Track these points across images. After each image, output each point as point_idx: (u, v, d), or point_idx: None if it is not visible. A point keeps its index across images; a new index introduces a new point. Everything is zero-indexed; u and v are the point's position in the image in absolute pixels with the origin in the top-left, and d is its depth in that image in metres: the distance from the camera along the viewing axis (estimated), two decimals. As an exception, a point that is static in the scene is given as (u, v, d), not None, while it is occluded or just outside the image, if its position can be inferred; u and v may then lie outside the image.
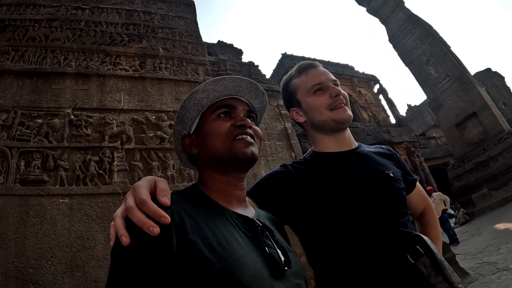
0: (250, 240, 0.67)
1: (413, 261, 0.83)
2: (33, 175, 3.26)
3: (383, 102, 20.57)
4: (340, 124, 1.02)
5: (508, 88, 23.75)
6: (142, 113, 4.15)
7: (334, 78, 1.06)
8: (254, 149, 0.76)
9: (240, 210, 0.75)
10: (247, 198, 0.86)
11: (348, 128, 1.07)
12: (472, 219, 10.57)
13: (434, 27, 13.41)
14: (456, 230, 8.18)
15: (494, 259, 4.86)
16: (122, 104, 4.06)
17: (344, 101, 1.03)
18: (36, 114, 3.56)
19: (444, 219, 7.99)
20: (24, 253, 2.96)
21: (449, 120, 12.50)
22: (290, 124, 5.85)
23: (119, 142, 3.79)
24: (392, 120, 20.11)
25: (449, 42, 12.84)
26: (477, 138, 11.73)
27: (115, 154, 3.70)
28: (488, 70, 24.03)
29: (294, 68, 1.12)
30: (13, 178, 3.20)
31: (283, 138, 5.46)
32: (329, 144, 1.04)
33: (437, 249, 0.86)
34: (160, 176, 3.78)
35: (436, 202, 8.18)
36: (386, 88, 20.57)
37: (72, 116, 3.68)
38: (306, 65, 1.09)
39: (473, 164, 11.38)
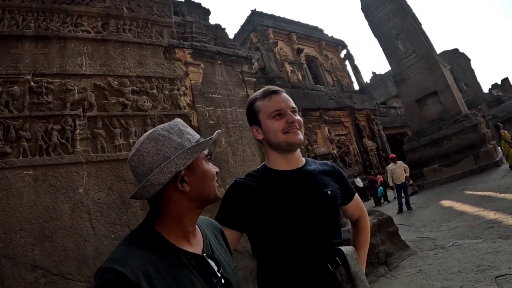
0: (203, 279, 0.86)
1: (332, 269, 1.15)
2: None
3: (349, 68, 21.53)
4: (291, 146, 1.27)
5: (472, 70, 25.97)
6: (104, 78, 4.21)
7: (293, 105, 1.28)
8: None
9: (193, 245, 0.93)
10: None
11: (298, 149, 1.32)
12: (420, 191, 12.05)
13: (408, 2, 14.05)
14: (404, 200, 9.52)
15: (434, 235, 5.69)
16: (84, 69, 4.06)
17: (298, 127, 1.26)
18: (-6, 82, 3.49)
19: (406, 185, 9.48)
20: None
21: (411, 95, 13.51)
22: (253, 91, 6.04)
23: (81, 110, 3.87)
24: (356, 87, 21.22)
25: (421, 18, 13.65)
26: (435, 116, 12.87)
27: (77, 122, 3.80)
28: (456, 50, 25.93)
29: (260, 91, 1.32)
30: None
31: (245, 105, 5.74)
32: (280, 162, 1.29)
33: (355, 261, 1.17)
34: (123, 144, 4.04)
35: (400, 169, 9.50)
36: (353, 55, 21.49)
37: (32, 83, 3.65)
38: (271, 91, 1.29)
39: (428, 139, 12.61)
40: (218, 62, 5.67)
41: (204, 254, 0.93)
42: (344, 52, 21.80)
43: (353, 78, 21.40)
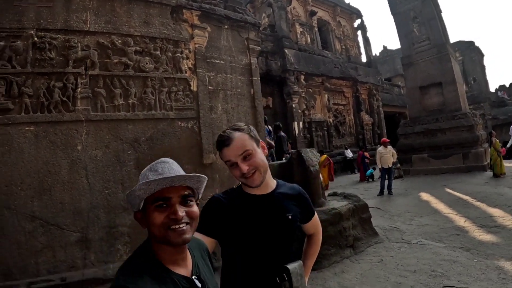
0: None
1: (279, 282, 1.37)
2: None
3: (360, 39, 21.11)
4: (253, 188, 1.42)
5: (483, 66, 25.82)
6: (108, 36, 4.26)
7: (242, 151, 1.37)
8: (187, 235, 0.99)
9: (183, 270, 1.04)
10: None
11: (267, 177, 1.48)
12: (404, 177, 12.51)
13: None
14: (386, 183, 9.99)
15: (404, 228, 6.05)
16: (88, 25, 4.10)
17: (251, 173, 1.37)
18: (-2, 36, 3.52)
19: (391, 170, 9.97)
20: None
21: (415, 80, 13.50)
22: (256, 59, 6.11)
23: (83, 68, 3.98)
24: (364, 59, 20.99)
25: (442, 5, 13.24)
26: (435, 107, 12.99)
27: (79, 81, 3.93)
28: (471, 43, 25.58)
29: (217, 140, 1.43)
30: None
31: (246, 73, 5.76)
32: (250, 189, 1.45)
33: (298, 277, 1.40)
34: (122, 104, 4.25)
35: (389, 154, 9.93)
36: (367, 26, 20.96)
37: (35, 38, 3.70)
38: (220, 144, 1.39)
39: (423, 128, 12.85)
40: (225, 27, 5.62)
41: (194, 277, 1.05)
42: (358, 21, 21.20)
43: (362, 50, 21.07)
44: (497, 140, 10.57)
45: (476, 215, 6.30)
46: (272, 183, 1.53)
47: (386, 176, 9.85)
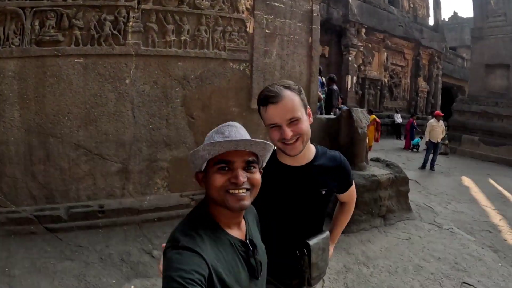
0: (243, 259, 1.01)
1: (298, 255, 1.38)
2: (48, 36, 3.46)
3: (430, 0, 19.30)
4: (290, 156, 1.30)
5: None
6: (164, -31, 4.03)
7: (290, 117, 1.23)
8: (245, 202, 0.97)
9: (238, 233, 1.05)
10: None
11: (306, 146, 1.33)
12: (450, 155, 12.07)
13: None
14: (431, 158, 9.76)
15: (439, 210, 5.91)
16: None
17: (293, 140, 1.25)
18: (48, -34, 3.42)
19: (438, 146, 9.74)
20: (44, 110, 3.53)
21: (482, 56, 12.50)
22: (318, 7, 5.68)
23: (135, 1, 3.83)
24: (431, 22, 19.35)
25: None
26: (498, 90, 12.08)
27: (131, 14, 3.81)
28: None
29: (261, 93, 1.31)
30: (29, 40, 3.41)
31: (306, 20, 5.41)
32: (285, 157, 1.35)
33: (319, 252, 1.41)
34: (174, 40, 4.18)
35: (440, 129, 9.65)
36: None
37: None
38: (267, 98, 1.25)
39: (479, 109, 12.11)
40: None
41: (247, 240, 1.06)
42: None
43: (431, 12, 19.21)
44: None
45: None
46: (310, 153, 1.41)
47: (432, 150, 9.58)
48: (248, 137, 1.00)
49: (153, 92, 4.04)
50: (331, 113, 7.87)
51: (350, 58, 14.39)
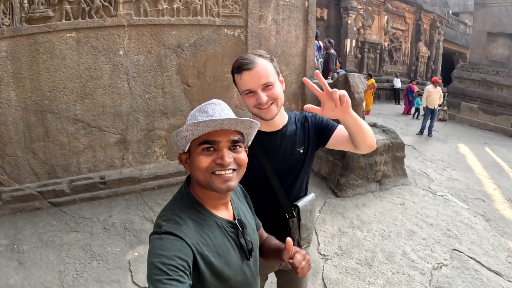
0: (233, 241, 1.00)
1: (287, 217, 1.46)
2: (38, 12, 3.41)
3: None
4: (265, 120, 1.37)
5: None
6: None
7: (265, 82, 1.30)
8: (232, 183, 0.95)
9: (226, 214, 1.04)
10: None
11: (279, 112, 1.40)
12: (448, 121, 12.23)
13: None
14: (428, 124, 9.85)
15: (434, 176, 6.03)
16: None
17: (268, 104, 1.32)
18: None
19: (435, 112, 9.87)
20: (39, 88, 3.55)
21: (485, 24, 12.38)
22: None
23: None
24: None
25: None
26: (499, 58, 12.04)
27: None
28: None
29: (236, 61, 1.34)
30: (19, 18, 3.36)
31: None
32: (262, 124, 1.36)
33: (307, 213, 1.49)
34: (166, 8, 4.15)
35: (437, 95, 9.68)
36: None
37: None
38: (242, 66, 1.30)
39: (480, 77, 12.12)
40: None
41: (236, 220, 1.05)
42: None
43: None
44: None
45: (508, 187, 6.16)
46: (283, 118, 1.48)
47: (430, 116, 9.71)
48: (233, 115, 0.97)
49: (148, 62, 4.05)
50: (329, 77, 7.88)
51: (349, 21, 14.11)
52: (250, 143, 1.08)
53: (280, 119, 1.46)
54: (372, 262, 3.46)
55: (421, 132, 9.67)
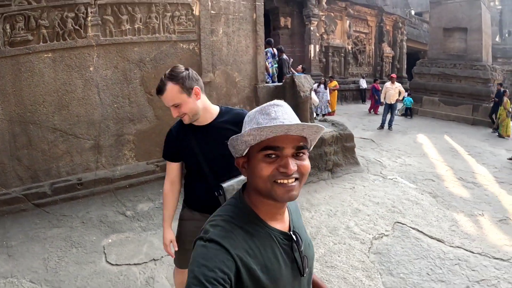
0: (285, 254, 0.94)
1: (217, 195, 1.71)
2: (19, 37, 4.11)
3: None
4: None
5: None
6: (115, -35, 4.68)
7: (172, 103, 1.76)
8: (294, 192, 0.88)
9: (280, 225, 0.98)
10: None
11: (206, 109, 1.86)
12: (414, 116, 13.10)
13: None
14: (395, 118, 10.68)
15: (387, 163, 6.64)
16: None
17: (182, 115, 1.80)
18: (13, -25, 3.98)
19: (394, 106, 10.64)
20: (22, 102, 4.23)
21: (440, 21, 13.52)
22: None
23: None
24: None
25: None
26: (456, 52, 13.17)
27: (89, 10, 4.50)
28: None
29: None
30: (2, 42, 4.03)
31: None
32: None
33: (232, 193, 1.49)
34: (128, 29, 5.04)
35: (395, 91, 10.55)
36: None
37: None
38: (157, 91, 1.79)
39: (439, 71, 13.20)
40: None
41: (291, 232, 1.00)
42: None
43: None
44: (508, 100, 10.67)
45: (460, 168, 6.72)
46: (211, 114, 1.90)
47: (389, 111, 10.49)
48: (296, 117, 0.94)
49: (115, 75, 4.80)
50: (284, 80, 8.88)
51: (312, 28, 15.07)
52: (311, 148, 1.00)
53: (207, 115, 1.88)
54: (316, 236, 3.86)
55: (381, 127, 10.48)
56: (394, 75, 11.17)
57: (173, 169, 2.03)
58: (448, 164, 6.89)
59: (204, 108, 1.86)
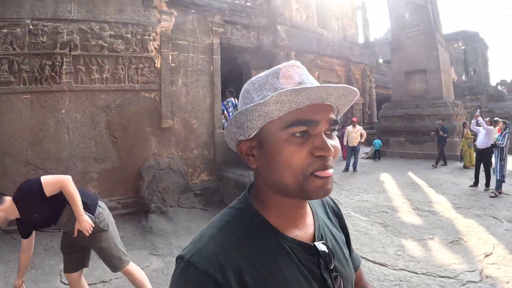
0: (309, 273, 0.70)
1: None
2: (3, 78, 4.96)
3: (359, 19, 21.99)
4: None
5: (486, 58, 26.82)
6: (88, 23, 5.74)
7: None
8: (330, 185, 0.67)
9: (300, 231, 0.75)
10: None
11: None
12: (382, 158, 13.59)
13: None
14: (362, 161, 11.28)
15: (344, 201, 6.85)
16: (72, 14, 5.57)
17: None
18: (1, 25, 4.98)
19: (357, 149, 11.19)
20: (1, 135, 4.93)
21: (401, 65, 14.79)
22: (218, 40, 7.29)
23: (68, 49, 5.48)
24: (361, 40, 22.18)
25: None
26: (418, 93, 14.22)
27: (64, 59, 5.42)
28: (476, 34, 26.45)
29: None
30: None
31: (207, 52, 7.09)
32: None
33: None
34: (97, 77, 6.16)
35: (356, 134, 11.13)
36: (368, 7, 22.07)
37: (31, 26, 5.16)
38: None
39: (402, 112, 14.19)
40: (192, 11, 6.95)
41: (315, 243, 0.75)
42: (358, 1, 22.16)
43: (361, 31, 22.00)
44: (469, 132, 11.27)
45: (418, 199, 6.91)
46: None
47: (353, 154, 11.16)
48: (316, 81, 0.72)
49: (83, 118, 5.59)
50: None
51: (280, 81, 16.35)
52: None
53: None
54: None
55: (346, 169, 11.04)
56: (355, 119, 12.01)
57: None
58: (405, 197, 7.10)
59: None
